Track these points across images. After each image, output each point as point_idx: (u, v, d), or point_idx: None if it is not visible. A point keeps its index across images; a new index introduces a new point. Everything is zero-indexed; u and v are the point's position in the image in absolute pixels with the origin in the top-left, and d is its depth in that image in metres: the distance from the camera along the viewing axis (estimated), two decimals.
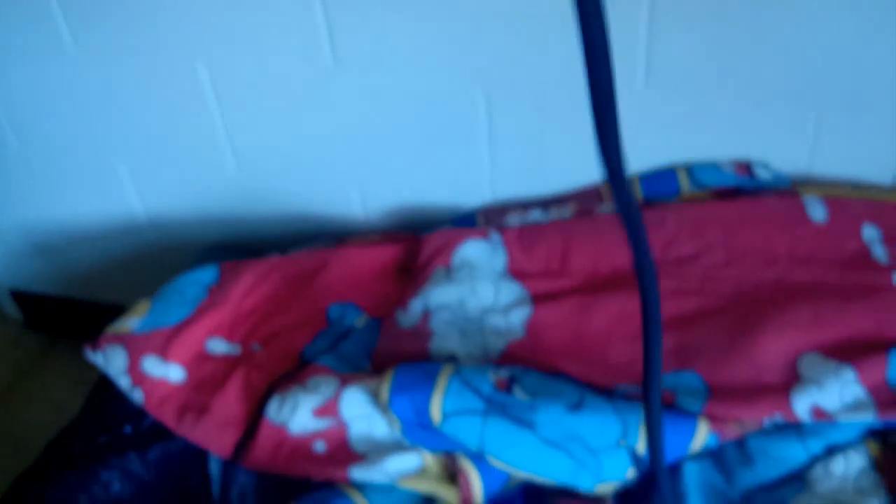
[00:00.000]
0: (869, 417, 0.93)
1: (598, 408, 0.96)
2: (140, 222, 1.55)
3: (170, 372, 1.11)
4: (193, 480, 1.09)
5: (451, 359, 1.07)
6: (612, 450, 0.94)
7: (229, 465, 1.05)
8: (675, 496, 0.93)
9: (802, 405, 0.93)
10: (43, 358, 1.79)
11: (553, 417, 0.95)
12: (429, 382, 0.98)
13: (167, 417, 1.09)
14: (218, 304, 1.18)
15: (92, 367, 1.23)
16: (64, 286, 1.73)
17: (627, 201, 0.50)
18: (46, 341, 1.82)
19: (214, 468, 1.08)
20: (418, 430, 0.99)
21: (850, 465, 0.93)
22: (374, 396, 1.00)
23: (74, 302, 1.75)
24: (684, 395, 0.98)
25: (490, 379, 0.99)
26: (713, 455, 0.96)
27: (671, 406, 0.98)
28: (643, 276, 0.54)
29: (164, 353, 1.12)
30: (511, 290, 1.14)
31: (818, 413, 0.93)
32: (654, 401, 0.63)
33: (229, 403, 1.08)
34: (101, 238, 1.60)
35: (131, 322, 1.18)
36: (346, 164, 1.33)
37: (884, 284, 1.02)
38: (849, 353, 0.96)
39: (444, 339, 1.10)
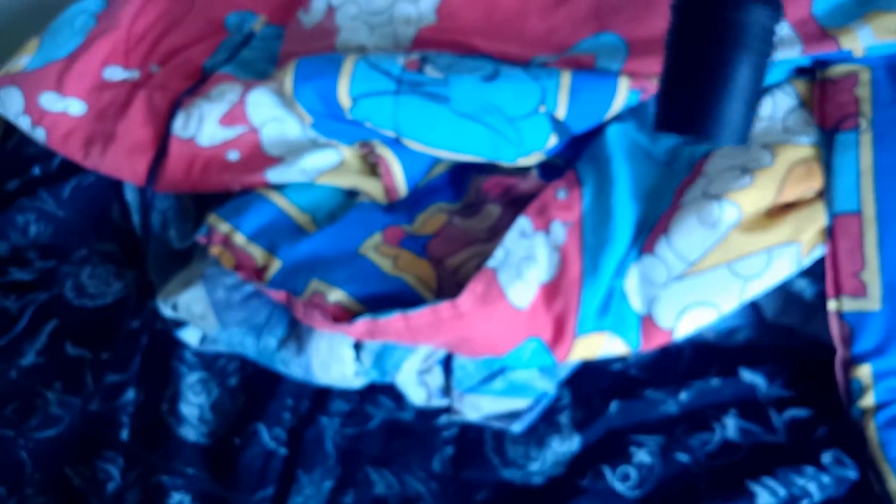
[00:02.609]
0: (795, 54, 0.89)
1: (514, 76, 0.92)
2: None
3: (69, 105, 1.05)
4: (111, 212, 1.06)
5: (360, 51, 1.01)
6: (531, 117, 0.90)
7: (145, 192, 1.01)
8: (601, 159, 0.91)
9: None
10: None
11: (467, 90, 0.90)
12: (333, 69, 0.92)
13: (73, 151, 1.04)
14: (108, 29, 1.10)
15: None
16: None
17: None
18: None
19: (131, 196, 1.05)
20: (330, 122, 0.94)
21: (778, 106, 0.89)
22: (280, 95, 0.95)
23: None
24: (603, 57, 0.93)
25: (399, 62, 0.93)
26: (637, 115, 0.93)
27: (591, 69, 0.93)
28: None
29: (60, 87, 1.06)
30: None
31: None
32: None
33: (135, 128, 1.02)
34: None
35: (22, 60, 1.10)
36: None
37: None
38: None
39: (352, 33, 1.03)
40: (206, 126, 0.97)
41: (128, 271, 1.00)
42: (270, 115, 0.97)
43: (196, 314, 0.87)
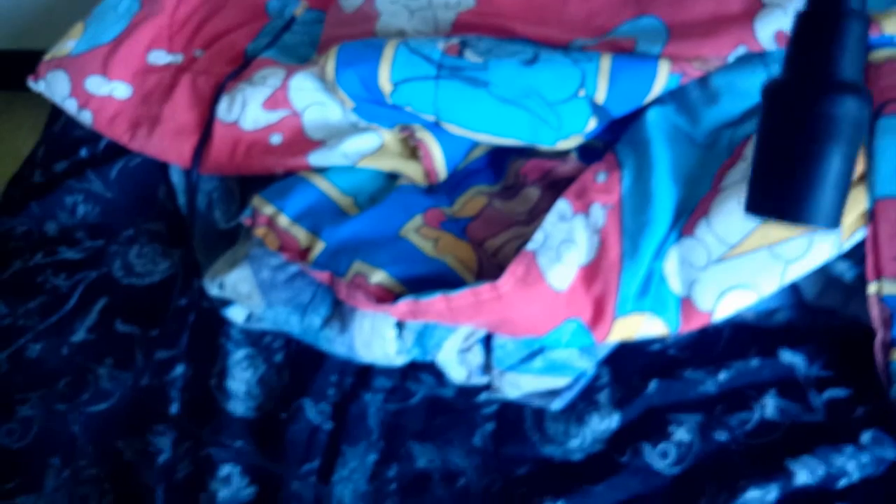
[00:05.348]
0: None
1: (554, 60, 0.92)
2: None
3: (115, 89, 1.07)
4: (158, 193, 1.08)
5: (400, 36, 1.03)
6: (571, 101, 0.91)
7: (191, 173, 1.03)
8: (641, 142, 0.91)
9: (766, 32, 0.89)
10: (4, 114, 1.75)
11: (507, 74, 0.91)
12: (375, 54, 0.93)
13: (119, 134, 1.06)
14: (152, 14, 1.12)
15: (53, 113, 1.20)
16: (12, 39, 1.66)
17: None
18: (4, 98, 1.77)
19: (176, 178, 1.07)
20: (371, 106, 0.96)
21: None
22: (322, 80, 0.97)
23: (27, 54, 1.69)
24: (644, 41, 0.94)
25: (439, 47, 0.94)
26: (677, 98, 0.93)
27: (631, 53, 0.94)
28: None
29: (105, 71, 1.08)
30: None
31: (783, 38, 0.89)
32: None
33: (180, 111, 1.05)
34: None
35: (68, 45, 1.12)
36: None
37: None
38: None
39: (391, 17, 1.04)
40: (249, 110, 0.99)
41: (174, 251, 1.02)
42: (312, 99, 0.98)
43: (242, 293, 0.89)
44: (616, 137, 0.94)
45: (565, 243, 0.85)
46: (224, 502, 0.81)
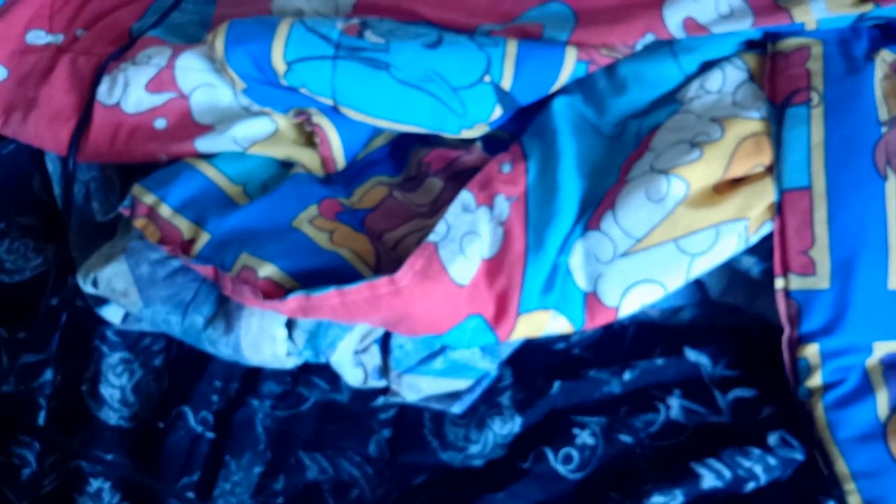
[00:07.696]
0: (745, 26, 0.86)
1: (459, 44, 0.88)
2: None
3: None
4: (32, 183, 1.02)
5: (297, 15, 0.97)
6: (476, 86, 0.87)
7: (67, 162, 0.96)
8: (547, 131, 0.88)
9: (675, 19, 0.86)
10: None
11: (409, 56, 0.87)
12: (268, 31, 0.88)
13: None
14: None
15: None
16: None
17: None
18: None
19: (52, 167, 1.00)
20: (264, 88, 0.90)
21: (728, 80, 0.87)
22: (211, 59, 0.91)
23: None
24: (551, 27, 0.90)
25: (338, 26, 0.90)
26: (584, 89, 0.91)
27: (538, 39, 0.90)
28: None
29: None
30: None
31: (692, 26, 0.87)
32: None
33: (58, 94, 0.98)
34: None
35: None
36: None
37: None
38: None
39: None
40: (131, 92, 0.93)
41: (48, 246, 0.95)
42: (201, 80, 0.92)
43: (118, 290, 0.82)
44: (522, 127, 0.91)
45: (468, 235, 0.81)
46: None
